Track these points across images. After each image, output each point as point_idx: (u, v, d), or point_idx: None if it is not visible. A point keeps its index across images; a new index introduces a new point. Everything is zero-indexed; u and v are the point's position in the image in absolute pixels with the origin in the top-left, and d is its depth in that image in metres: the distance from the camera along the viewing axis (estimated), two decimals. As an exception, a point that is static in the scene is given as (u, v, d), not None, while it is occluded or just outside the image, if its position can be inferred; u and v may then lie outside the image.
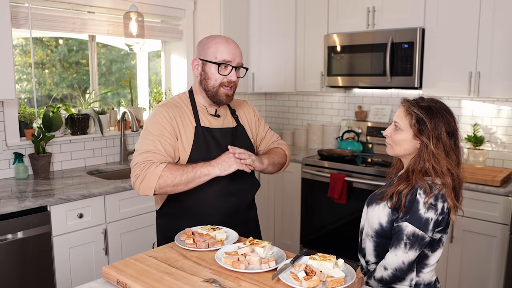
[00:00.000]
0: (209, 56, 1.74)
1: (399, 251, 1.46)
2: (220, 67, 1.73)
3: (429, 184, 1.46)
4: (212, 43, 1.75)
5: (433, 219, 1.44)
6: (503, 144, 3.16)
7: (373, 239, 1.58)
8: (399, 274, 1.48)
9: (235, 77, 1.75)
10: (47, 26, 2.87)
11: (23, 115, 2.82)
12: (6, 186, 2.58)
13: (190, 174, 1.61)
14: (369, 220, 1.59)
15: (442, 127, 1.49)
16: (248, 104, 2.01)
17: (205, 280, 1.30)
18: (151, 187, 1.62)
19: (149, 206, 2.78)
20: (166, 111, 1.74)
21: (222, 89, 1.75)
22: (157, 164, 1.63)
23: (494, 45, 2.84)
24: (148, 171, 1.62)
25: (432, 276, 1.57)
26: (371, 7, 3.36)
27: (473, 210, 2.76)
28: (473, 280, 2.80)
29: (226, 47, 1.73)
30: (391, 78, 3.24)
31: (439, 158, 1.47)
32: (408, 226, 1.44)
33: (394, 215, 1.51)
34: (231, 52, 1.73)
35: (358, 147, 3.75)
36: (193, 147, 1.73)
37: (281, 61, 3.87)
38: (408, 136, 1.53)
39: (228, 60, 1.72)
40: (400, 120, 1.55)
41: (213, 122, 1.81)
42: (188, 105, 1.80)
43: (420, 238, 1.44)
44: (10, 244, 2.21)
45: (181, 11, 3.57)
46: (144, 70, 3.73)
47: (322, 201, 3.48)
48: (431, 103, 1.54)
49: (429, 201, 1.43)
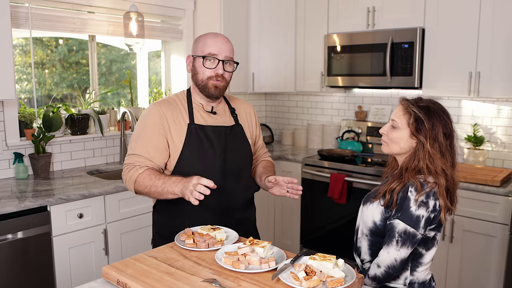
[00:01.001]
0: (197, 51, 1.77)
1: (391, 248, 1.47)
2: (205, 60, 1.74)
3: (420, 182, 1.47)
4: (201, 38, 1.79)
5: (424, 217, 1.45)
6: (503, 144, 3.16)
7: (368, 238, 1.59)
8: (392, 271, 1.49)
9: (222, 70, 1.75)
10: (47, 26, 2.87)
11: (23, 115, 2.82)
12: (6, 186, 2.58)
13: (158, 188, 1.64)
14: (364, 218, 1.60)
15: (440, 128, 1.50)
16: (250, 106, 2.01)
17: (205, 280, 1.30)
18: (131, 189, 1.72)
19: (149, 206, 2.78)
20: (157, 109, 1.75)
21: (210, 82, 1.75)
22: (136, 169, 1.69)
23: (494, 45, 2.84)
24: (128, 174, 1.70)
25: (426, 275, 1.58)
26: (371, 7, 3.36)
27: (473, 210, 2.76)
28: (473, 280, 2.80)
29: (212, 41, 1.75)
30: (391, 78, 3.24)
31: (434, 158, 1.48)
32: (400, 224, 1.46)
33: (387, 213, 1.52)
34: (217, 46, 1.74)
35: (358, 147, 3.75)
36: (185, 144, 1.73)
37: (281, 61, 3.87)
38: (405, 135, 1.54)
39: (214, 53, 1.73)
40: (398, 118, 1.56)
41: (208, 120, 1.80)
42: (184, 103, 1.81)
43: (411, 235, 1.45)
44: (10, 244, 2.21)
45: (181, 11, 3.57)
46: (144, 70, 3.73)
47: (322, 201, 3.48)
48: (430, 104, 1.54)
49: (420, 199, 1.44)
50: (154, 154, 1.72)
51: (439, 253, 2.89)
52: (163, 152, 1.73)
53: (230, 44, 1.79)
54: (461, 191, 2.79)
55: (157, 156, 1.72)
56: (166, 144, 1.73)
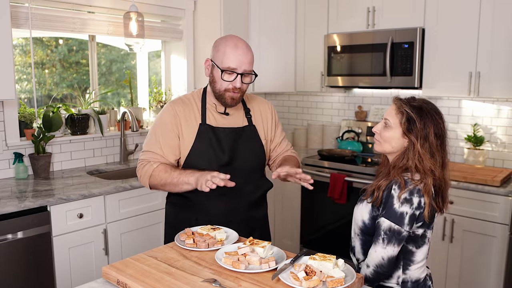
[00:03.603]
0: (217, 60, 1.75)
1: (378, 247, 1.48)
2: (224, 74, 1.73)
3: (405, 180, 1.47)
4: (222, 46, 1.74)
5: (408, 213, 1.45)
6: (503, 144, 3.16)
7: (359, 237, 1.60)
8: (380, 270, 1.49)
9: (240, 84, 1.74)
10: (47, 26, 2.87)
11: (23, 115, 2.82)
12: (6, 186, 2.58)
13: (174, 179, 1.72)
14: (355, 218, 1.62)
15: (431, 128, 1.50)
16: (268, 105, 2.00)
17: (205, 280, 1.30)
18: (146, 184, 1.80)
19: (149, 206, 2.78)
20: (172, 108, 1.82)
21: (227, 94, 1.76)
22: (151, 164, 1.77)
23: (494, 45, 2.84)
24: (143, 170, 1.78)
25: (420, 273, 1.57)
26: (371, 7, 3.36)
27: (473, 210, 2.76)
28: (472, 280, 2.80)
29: (233, 54, 1.71)
30: (391, 78, 3.24)
31: (423, 158, 1.49)
32: (385, 221, 1.47)
33: (375, 212, 1.53)
34: (237, 59, 1.71)
35: (358, 147, 3.75)
36: (194, 143, 1.79)
37: (281, 61, 3.87)
38: (397, 134, 1.54)
39: (233, 67, 1.71)
40: (390, 118, 1.56)
41: (219, 121, 1.83)
42: (198, 102, 1.85)
43: (396, 232, 1.45)
44: (10, 244, 2.21)
45: (181, 11, 3.57)
46: (144, 70, 3.73)
47: (322, 201, 3.48)
48: (423, 104, 1.55)
49: (402, 196, 1.45)
50: (167, 152, 1.79)
51: (439, 253, 2.89)
52: (175, 149, 1.80)
53: (250, 55, 1.75)
54: (461, 191, 2.79)
55: (170, 154, 1.80)
56: (178, 142, 1.80)
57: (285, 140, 2.05)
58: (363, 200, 1.59)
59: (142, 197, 2.74)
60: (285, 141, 2.05)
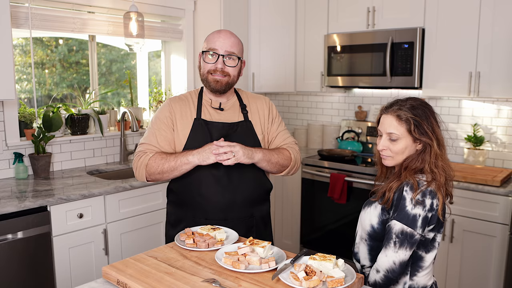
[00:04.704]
0: (203, 48, 1.85)
1: (389, 250, 1.43)
2: (205, 55, 1.81)
3: (417, 181, 1.44)
4: (208, 36, 1.86)
5: (421, 216, 1.41)
6: (503, 144, 3.16)
7: (367, 243, 1.56)
8: (391, 275, 1.44)
9: (221, 64, 1.80)
10: (47, 26, 2.87)
11: (23, 115, 2.82)
12: (6, 186, 2.58)
13: (171, 162, 1.73)
14: (362, 223, 1.57)
15: (432, 120, 1.50)
16: (265, 101, 1.98)
17: (205, 280, 1.30)
18: (142, 175, 1.80)
19: (149, 206, 2.78)
20: (168, 104, 1.87)
21: (210, 76, 1.82)
22: (147, 154, 1.80)
23: (494, 45, 2.84)
24: (139, 161, 1.81)
25: (428, 280, 1.52)
26: (371, 7, 3.36)
27: (473, 210, 2.76)
28: (473, 280, 2.80)
29: (215, 37, 1.81)
30: (391, 78, 3.24)
31: (440, 158, 1.47)
32: (396, 224, 1.42)
33: (384, 216, 1.49)
34: (218, 41, 1.79)
35: (358, 147, 3.75)
36: (189, 138, 1.82)
37: (281, 61, 3.87)
38: (409, 142, 1.50)
39: (214, 48, 1.79)
40: (395, 130, 1.50)
41: (214, 116, 1.86)
42: (195, 99, 1.90)
43: (409, 235, 1.41)
44: (10, 244, 2.21)
45: (181, 11, 3.57)
46: (144, 70, 3.73)
47: (322, 201, 3.48)
48: (412, 102, 1.52)
49: (416, 197, 1.41)
50: (163, 144, 1.83)
51: (439, 253, 2.89)
52: (171, 142, 1.84)
53: (233, 39, 1.82)
54: (461, 191, 2.79)
55: (166, 146, 1.83)
56: (173, 136, 1.84)
57: (283, 135, 1.97)
58: (372, 203, 1.54)
59: (142, 197, 2.74)
60: (284, 135, 1.98)
